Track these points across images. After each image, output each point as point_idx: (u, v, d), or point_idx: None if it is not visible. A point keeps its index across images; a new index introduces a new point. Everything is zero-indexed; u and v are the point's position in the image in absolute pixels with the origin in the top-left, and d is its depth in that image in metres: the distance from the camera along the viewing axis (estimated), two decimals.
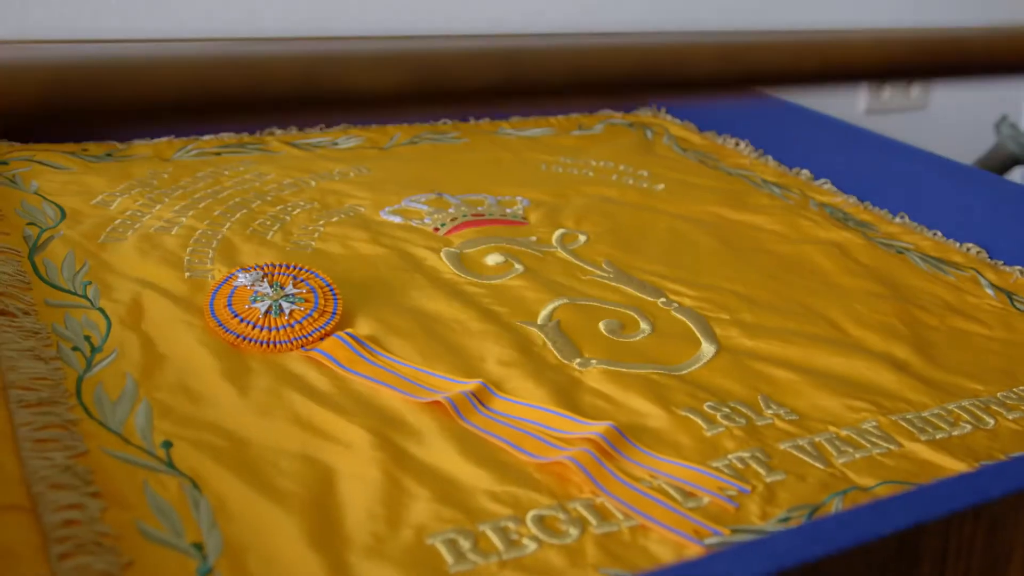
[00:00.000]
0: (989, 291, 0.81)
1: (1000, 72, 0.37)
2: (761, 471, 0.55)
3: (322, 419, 0.56)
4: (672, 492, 0.53)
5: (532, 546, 0.48)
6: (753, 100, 1.15)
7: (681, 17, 1.31)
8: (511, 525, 0.49)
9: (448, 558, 0.47)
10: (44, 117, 0.23)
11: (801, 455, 0.57)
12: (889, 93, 1.71)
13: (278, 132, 1.06)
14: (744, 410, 0.61)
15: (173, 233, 0.79)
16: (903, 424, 0.61)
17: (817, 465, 0.56)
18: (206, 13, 1.10)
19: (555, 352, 0.66)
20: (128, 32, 1.06)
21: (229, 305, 0.65)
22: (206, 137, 1.02)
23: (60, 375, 0.58)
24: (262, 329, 0.64)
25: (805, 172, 1.06)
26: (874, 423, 0.61)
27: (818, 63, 0.33)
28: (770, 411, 0.61)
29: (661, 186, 1.01)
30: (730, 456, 0.56)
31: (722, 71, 0.32)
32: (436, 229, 0.84)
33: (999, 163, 1.54)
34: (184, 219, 0.82)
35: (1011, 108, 1.86)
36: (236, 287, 0.67)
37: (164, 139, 1.00)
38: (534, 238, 0.85)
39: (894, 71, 0.35)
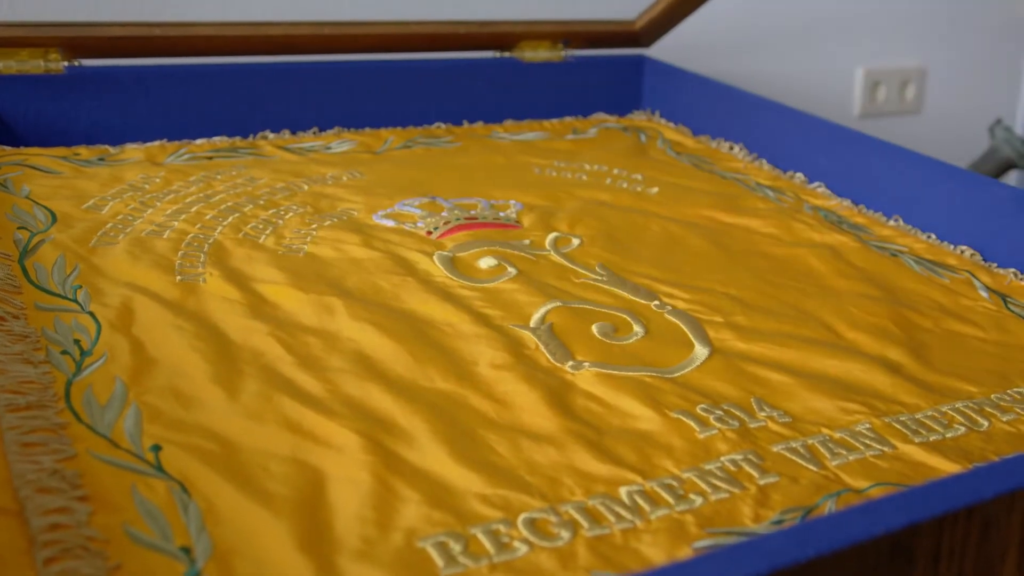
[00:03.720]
0: (983, 293, 0.81)
1: None
2: (754, 473, 0.55)
3: (312, 422, 0.56)
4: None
5: (523, 549, 0.48)
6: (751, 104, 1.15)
7: None
8: (502, 528, 0.49)
9: (439, 561, 0.46)
10: None
11: (794, 457, 0.57)
12: (884, 96, 1.71)
13: (271, 136, 1.06)
14: (737, 412, 0.61)
15: (165, 237, 0.78)
16: (896, 426, 0.61)
17: (810, 467, 0.56)
18: None
19: (547, 355, 0.66)
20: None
21: None
22: (198, 141, 1.02)
23: (49, 379, 0.58)
24: None
25: (799, 175, 1.06)
26: (867, 425, 0.61)
27: None
28: (763, 413, 0.61)
29: (655, 190, 1.01)
30: (723, 458, 0.56)
31: None
32: (429, 233, 0.84)
33: (993, 166, 1.54)
34: (176, 223, 0.81)
35: (1006, 111, 1.86)
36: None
37: (156, 143, 1.00)
38: (527, 241, 0.84)
39: None
